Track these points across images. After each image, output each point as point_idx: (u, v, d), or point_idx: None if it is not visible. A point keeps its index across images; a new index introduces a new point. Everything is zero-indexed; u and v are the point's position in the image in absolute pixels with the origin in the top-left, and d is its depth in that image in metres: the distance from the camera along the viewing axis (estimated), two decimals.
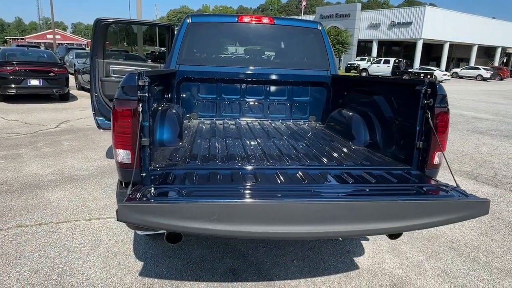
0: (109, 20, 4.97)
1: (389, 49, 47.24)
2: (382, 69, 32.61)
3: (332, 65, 4.51)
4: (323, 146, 3.39)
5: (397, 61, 32.99)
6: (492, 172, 6.02)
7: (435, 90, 2.49)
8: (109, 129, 5.28)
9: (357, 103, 3.84)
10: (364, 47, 45.75)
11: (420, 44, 40.01)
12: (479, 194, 4.69)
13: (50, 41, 62.04)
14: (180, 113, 3.53)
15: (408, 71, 32.48)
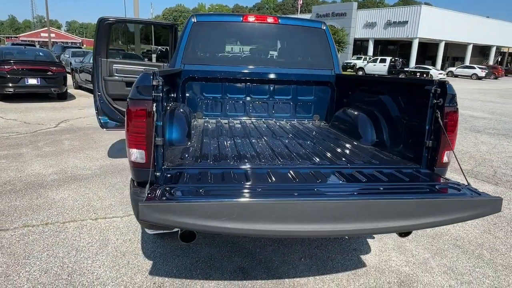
0: (113, 19, 4.95)
1: (385, 48, 47.45)
2: (378, 68, 32.75)
3: (336, 64, 4.54)
4: (331, 145, 3.42)
5: (393, 60, 33.13)
6: (491, 170, 6.08)
7: (445, 90, 2.53)
8: (112, 128, 5.30)
9: (362, 103, 3.87)
10: (360, 46, 45.91)
11: (416, 43, 40.21)
12: None
13: (44, 40, 61.60)
14: (187, 112, 3.54)
15: (404, 70, 32.64)
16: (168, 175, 2.34)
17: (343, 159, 2.92)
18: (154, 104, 2.23)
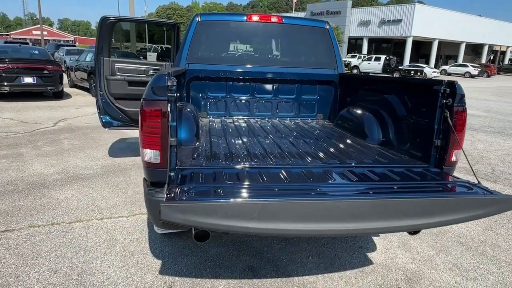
0: (115, 18, 4.93)
1: (379, 46, 47.67)
2: (373, 66, 32.91)
3: (339, 64, 4.58)
4: (338, 144, 3.45)
5: (387, 58, 33.32)
6: (489, 168, 6.17)
7: (454, 90, 2.57)
8: (115, 128, 5.27)
9: (367, 102, 3.90)
10: (355, 44, 46.08)
11: (409, 41, 40.45)
12: None
13: (36, 37, 60.92)
14: (195, 112, 3.55)
15: (398, 68, 32.85)
16: (183, 175, 2.35)
17: (353, 157, 2.95)
18: (169, 105, 2.24)
